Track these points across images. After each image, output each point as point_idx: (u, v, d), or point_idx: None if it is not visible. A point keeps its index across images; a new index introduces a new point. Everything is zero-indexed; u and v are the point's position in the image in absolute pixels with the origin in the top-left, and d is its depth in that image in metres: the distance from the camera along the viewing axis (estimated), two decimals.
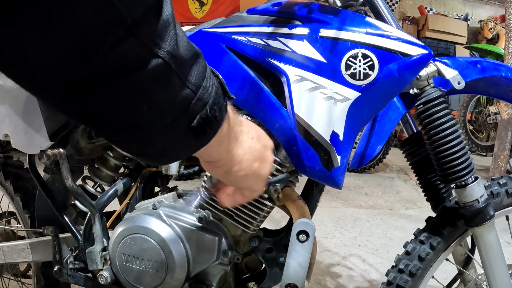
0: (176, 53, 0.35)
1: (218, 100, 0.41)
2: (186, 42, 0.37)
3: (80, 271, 0.90)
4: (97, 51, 0.30)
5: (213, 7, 5.80)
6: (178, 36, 0.36)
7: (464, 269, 0.94)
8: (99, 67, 0.31)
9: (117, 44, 0.31)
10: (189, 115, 0.38)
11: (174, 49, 0.35)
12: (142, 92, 0.34)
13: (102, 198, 0.88)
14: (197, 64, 0.39)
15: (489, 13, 7.25)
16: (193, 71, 0.38)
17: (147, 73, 0.33)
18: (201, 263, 0.81)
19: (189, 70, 0.37)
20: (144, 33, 0.32)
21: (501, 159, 3.16)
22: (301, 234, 0.72)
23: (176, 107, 0.37)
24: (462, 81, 0.73)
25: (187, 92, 0.37)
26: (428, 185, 0.89)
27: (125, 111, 0.35)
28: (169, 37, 0.35)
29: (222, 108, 0.42)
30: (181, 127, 0.38)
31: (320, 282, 1.75)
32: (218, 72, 0.69)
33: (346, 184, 3.45)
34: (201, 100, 0.38)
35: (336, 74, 0.66)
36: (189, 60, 0.37)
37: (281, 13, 0.72)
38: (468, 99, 4.27)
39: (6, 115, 0.83)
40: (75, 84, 0.32)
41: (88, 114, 0.35)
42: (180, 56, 0.36)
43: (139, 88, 0.34)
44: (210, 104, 0.39)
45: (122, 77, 0.33)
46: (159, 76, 0.34)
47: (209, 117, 0.39)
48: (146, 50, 0.33)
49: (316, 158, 0.68)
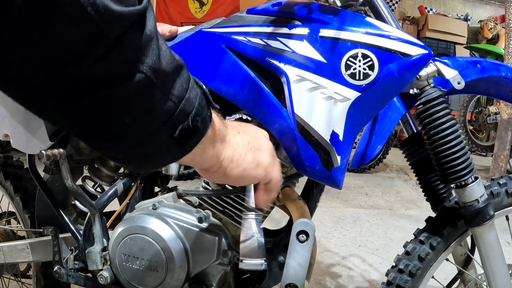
0: (158, 67, 0.37)
1: (201, 111, 0.42)
2: (168, 55, 0.39)
3: (80, 271, 0.90)
4: (81, 66, 0.32)
5: (213, 7, 5.80)
6: (160, 50, 0.37)
7: (464, 269, 0.94)
8: (83, 81, 0.33)
9: (100, 60, 0.32)
10: (171, 126, 0.40)
11: (156, 63, 0.36)
12: (125, 105, 0.36)
13: (102, 198, 0.88)
14: (180, 76, 0.40)
15: (489, 13, 7.25)
16: (175, 83, 0.40)
17: (130, 87, 0.35)
18: (201, 263, 0.81)
19: (171, 82, 0.39)
20: (127, 48, 0.34)
21: (501, 159, 3.16)
22: (301, 234, 0.72)
23: (158, 119, 0.39)
24: (462, 81, 0.73)
25: (169, 104, 0.39)
26: (428, 185, 0.89)
27: (108, 123, 0.37)
28: (151, 52, 0.36)
29: (205, 118, 0.44)
30: (164, 137, 0.40)
31: (320, 282, 1.75)
32: (218, 72, 0.69)
33: (346, 184, 3.45)
34: (184, 111, 0.40)
35: (336, 74, 0.66)
36: (172, 73, 0.39)
37: (281, 13, 0.72)
38: (468, 99, 4.27)
39: (6, 115, 0.83)
40: (60, 97, 0.33)
41: (73, 125, 0.37)
42: (162, 70, 0.37)
43: (122, 101, 0.36)
44: (192, 115, 0.41)
45: (105, 90, 0.34)
46: (142, 90, 0.36)
47: (191, 128, 0.41)
48: (129, 66, 0.34)
49: (316, 158, 0.68)
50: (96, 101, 0.34)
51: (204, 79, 0.73)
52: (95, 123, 0.36)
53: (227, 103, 0.79)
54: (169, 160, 0.44)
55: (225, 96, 0.71)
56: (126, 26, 0.33)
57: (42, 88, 0.33)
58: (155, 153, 0.42)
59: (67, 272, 0.90)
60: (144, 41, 0.35)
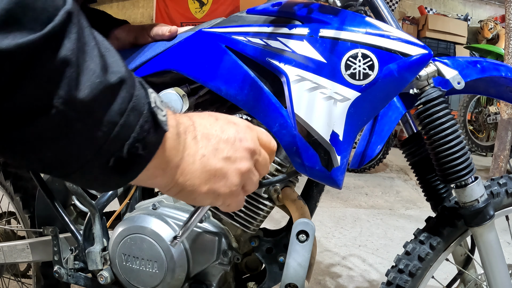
0: (75, 97, 0.32)
1: (142, 136, 0.37)
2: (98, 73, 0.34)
3: (80, 271, 0.90)
4: None
5: (213, 7, 5.80)
6: (82, 72, 0.33)
7: (464, 269, 0.94)
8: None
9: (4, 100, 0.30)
10: (102, 157, 0.35)
11: (72, 94, 0.32)
12: (43, 140, 0.33)
13: (102, 198, 0.88)
14: (117, 97, 0.35)
15: (489, 13, 7.25)
16: (105, 109, 0.35)
17: (45, 122, 0.32)
18: (201, 263, 0.81)
19: (98, 109, 0.34)
20: (30, 82, 0.30)
21: (501, 159, 3.16)
22: (301, 234, 0.72)
23: (84, 151, 0.35)
24: (462, 81, 0.73)
25: (95, 134, 0.34)
26: (428, 185, 0.89)
27: (31, 156, 0.34)
28: (66, 81, 0.31)
29: (149, 144, 0.38)
30: (96, 168, 0.36)
31: (320, 282, 1.75)
32: (218, 72, 0.68)
33: (346, 184, 3.45)
34: (117, 138, 0.35)
35: (336, 74, 0.66)
36: (98, 98, 0.34)
37: (281, 13, 0.72)
38: (468, 99, 4.27)
39: None
40: None
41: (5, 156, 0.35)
42: (80, 100, 0.32)
43: (39, 137, 0.32)
44: (130, 142, 0.36)
45: (18, 129, 0.31)
46: (56, 125, 0.32)
47: (128, 156, 0.37)
48: (37, 101, 0.31)
49: (316, 158, 0.68)
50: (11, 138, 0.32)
51: (204, 79, 0.73)
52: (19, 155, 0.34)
53: (227, 103, 0.79)
54: (114, 186, 0.40)
55: (225, 96, 0.71)
56: (23, 61, 0.29)
57: None
58: (93, 181, 0.38)
59: (67, 272, 0.90)
60: (54, 69, 0.31)
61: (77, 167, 0.35)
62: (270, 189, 0.77)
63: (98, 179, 0.38)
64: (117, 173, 0.37)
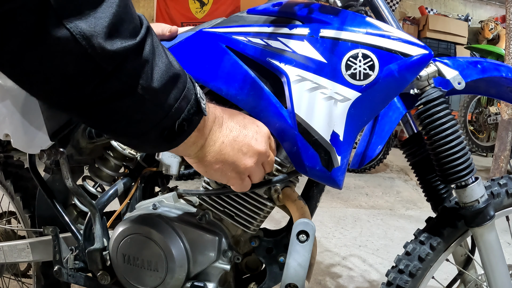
0: (150, 86, 0.46)
1: (188, 117, 0.51)
2: (164, 70, 0.47)
3: (80, 271, 0.90)
4: (86, 88, 0.42)
5: (213, 7, 5.80)
6: (154, 69, 0.46)
7: (464, 270, 0.94)
8: (90, 98, 0.43)
9: (101, 84, 0.42)
10: (160, 128, 0.50)
11: (148, 83, 0.45)
12: (124, 113, 0.46)
13: (102, 198, 0.88)
14: (174, 88, 0.49)
15: (489, 14, 7.25)
16: (167, 95, 0.48)
17: (126, 102, 0.45)
18: (201, 263, 0.81)
19: (162, 95, 0.48)
20: (123, 74, 0.43)
21: (502, 159, 3.16)
22: (301, 234, 0.72)
23: (149, 123, 0.49)
24: (463, 81, 0.73)
25: (159, 112, 0.48)
26: (428, 185, 0.89)
27: (110, 124, 0.48)
28: (144, 74, 0.45)
29: (192, 123, 0.53)
30: (153, 136, 0.50)
31: (320, 282, 1.75)
32: (218, 72, 0.70)
33: (347, 184, 3.45)
34: (172, 118, 0.50)
35: (336, 74, 0.66)
36: (163, 87, 0.47)
37: (281, 13, 0.72)
38: (468, 100, 4.27)
39: (6, 115, 0.83)
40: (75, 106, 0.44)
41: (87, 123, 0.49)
42: (153, 88, 0.46)
43: (121, 111, 0.46)
44: (179, 121, 0.50)
45: (107, 104, 0.44)
46: (135, 105, 0.46)
47: (176, 131, 0.51)
48: (126, 87, 0.44)
49: (316, 158, 0.68)
50: (100, 110, 0.45)
51: (204, 79, 0.73)
52: (102, 122, 0.47)
53: (227, 102, 0.79)
54: (161, 150, 0.55)
55: (226, 96, 0.71)
56: (122, 58, 0.41)
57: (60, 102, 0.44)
58: (147, 144, 0.52)
59: (67, 272, 0.90)
60: (140, 65, 0.44)
61: (141, 133, 0.49)
62: (271, 189, 0.77)
63: (152, 144, 0.52)
64: (166, 141, 0.52)
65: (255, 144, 0.62)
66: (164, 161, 0.81)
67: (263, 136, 0.64)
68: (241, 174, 0.63)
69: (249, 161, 0.62)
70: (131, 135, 0.50)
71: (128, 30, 0.42)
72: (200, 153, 0.59)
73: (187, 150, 0.57)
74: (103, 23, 0.39)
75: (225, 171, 0.61)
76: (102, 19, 0.39)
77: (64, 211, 0.90)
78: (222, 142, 0.59)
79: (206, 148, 0.58)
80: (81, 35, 0.38)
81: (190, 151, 0.58)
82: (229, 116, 0.62)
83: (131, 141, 0.52)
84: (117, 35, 0.40)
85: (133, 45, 0.42)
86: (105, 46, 0.39)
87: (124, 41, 0.41)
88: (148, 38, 0.45)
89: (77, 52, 0.38)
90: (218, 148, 0.59)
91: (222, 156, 0.60)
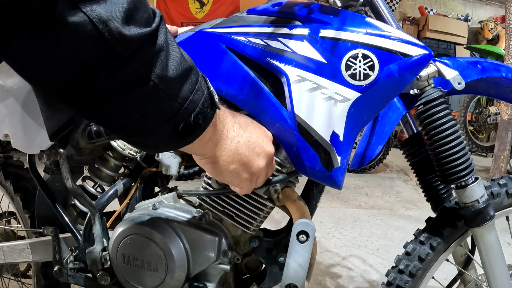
0: (165, 75, 0.44)
1: (203, 110, 0.49)
2: (178, 61, 0.45)
3: (80, 271, 0.90)
4: (98, 77, 0.40)
5: (213, 7, 5.79)
6: (169, 59, 0.44)
7: (464, 270, 0.94)
8: (100, 89, 0.41)
9: (115, 72, 0.40)
10: (175, 121, 0.47)
11: (163, 72, 0.43)
12: (136, 106, 0.44)
13: (102, 198, 0.88)
14: (188, 79, 0.47)
15: (489, 14, 7.25)
16: (181, 86, 0.46)
17: (140, 93, 0.43)
18: (201, 263, 0.81)
19: (177, 87, 0.46)
20: (138, 62, 0.41)
21: (501, 159, 3.16)
22: (301, 234, 0.72)
23: (164, 116, 0.46)
24: (463, 81, 0.73)
25: (174, 104, 0.46)
26: (428, 185, 0.89)
27: (123, 118, 0.45)
28: (159, 63, 0.43)
29: (207, 117, 0.50)
30: (168, 130, 0.48)
31: (320, 283, 1.75)
32: (218, 72, 0.71)
33: (346, 185, 3.45)
34: (187, 110, 0.47)
35: (336, 74, 0.66)
36: (178, 78, 0.45)
37: (281, 13, 0.72)
38: (468, 100, 4.27)
39: (6, 115, 0.83)
40: (86, 99, 0.42)
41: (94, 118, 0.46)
42: (168, 78, 0.44)
43: (134, 103, 0.44)
44: (195, 114, 0.48)
45: (119, 95, 0.42)
46: (150, 95, 0.44)
47: (193, 124, 0.48)
48: (140, 76, 0.42)
49: (316, 158, 0.68)
50: (112, 102, 0.43)
51: None
52: (112, 117, 0.45)
53: (227, 103, 0.79)
54: (174, 147, 0.52)
55: (225, 96, 0.71)
56: (137, 45, 0.40)
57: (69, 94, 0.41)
58: (161, 141, 0.49)
59: (67, 272, 0.90)
60: (154, 54, 0.42)
61: (156, 127, 0.47)
62: (270, 189, 0.77)
63: (167, 141, 0.49)
64: (181, 137, 0.49)
65: (266, 145, 0.62)
66: (164, 162, 0.81)
67: (270, 138, 0.65)
68: (253, 175, 0.62)
69: (262, 162, 0.62)
70: (145, 131, 0.47)
71: (143, 18, 0.41)
72: (217, 152, 0.57)
73: (204, 147, 0.55)
74: (120, 8, 0.38)
75: (240, 172, 0.60)
76: (118, 5, 0.38)
77: (64, 212, 0.90)
78: (238, 142, 0.58)
79: (222, 146, 0.57)
80: (98, 19, 0.37)
81: (207, 149, 0.55)
82: (240, 118, 0.61)
83: (145, 139, 0.49)
84: (133, 22, 0.39)
85: (148, 32, 0.41)
86: (122, 31, 0.38)
87: (140, 28, 0.40)
88: (161, 27, 0.44)
89: (94, 36, 0.37)
90: (234, 147, 0.58)
91: (238, 155, 0.59)
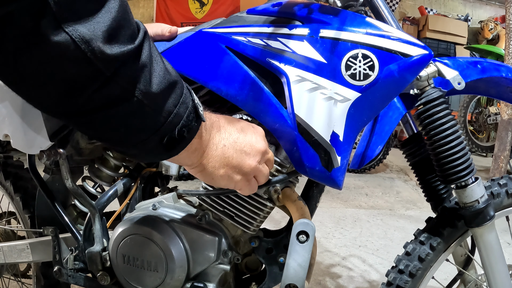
0: (149, 91, 0.45)
1: (188, 123, 0.50)
2: (162, 76, 0.47)
3: (80, 271, 0.90)
4: (83, 94, 0.41)
5: (213, 7, 5.80)
6: (153, 74, 0.45)
7: (464, 270, 0.94)
8: (86, 105, 0.42)
9: (100, 89, 0.41)
10: (159, 135, 0.48)
11: (147, 88, 0.45)
12: (121, 120, 0.45)
13: (102, 198, 0.88)
14: (172, 93, 0.48)
15: (489, 14, 7.25)
16: (165, 101, 0.48)
17: (124, 107, 0.44)
18: (201, 263, 0.81)
19: (161, 101, 0.47)
20: (122, 78, 0.42)
21: (501, 159, 3.16)
22: (301, 234, 0.72)
23: (148, 130, 0.48)
24: (463, 81, 0.73)
25: (158, 119, 0.47)
26: (428, 185, 0.89)
27: (108, 131, 0.47)
28: (143, 79, 0.44)
29: (191, 129, 0.52)
30: (153, 143, 0.49)
31: (320, 283, 1.75)
32: (218, 72, 0.70)
33: (346, 185, 3.45)
34: (171, 124, 0.48)
35: (336, 74, 0.66)
36: (162, 93, 0.47)
37: (281, 13, 0.72)
38: (468, 100, 4.27)
39: (6, 115, 0.83)
40: (70, 114, 0.44)
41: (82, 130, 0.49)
42: (152, 93, 0.46)
43: (118, 118, 0.45)
44: (179, 127, 0.49)
45: (104, 110, 0.44)
46: (134, 110, 0.45)
47: (177, 137, 0.50)
48: (124, 92, 0.43)
49: (316, 158, 0.68)
50: (96, 117, 0.44)
51: (204, 79, 0.72)
52: (97, 130, 0.47)
53: (227, 103, 0.79)
54: (159, 159, 0.53)
55: (225, 97, 0.71)
56: (121, 63, 0.41)
57: (54, 108, 0.43)
58: (147, 153, 0.51)
59: (67, 272, 0.90)
60: (137, 70, 0.43)
61: (141, 140, 0.48)
62: (270, 189, 0.77)
63: (152, 152, 0.51)
64: (166, 149, 0.51)
65: (256, 143, 0.62)
66: (164, 162, 0.81)
67: (260, 135, 0.64)
68: (247, 175, 0.62)
69: (253, 160, 0.62)
70: (130, 143, 0.49)
71: (126, 35, 0.42)
72: (204, 160, 0.58)
73: (190, 157, 0.56)
74: (102, 28, 0.39)
75: (231, 175, 0.61)
76: (101, 24, 0.39)
77: (63, 212, 0.90)
78: (224, 146, 0.59)
79: (208, 154, 0.58)
80: (81, 39, 0.38)
81: (193, 159, 0.57)
82: (225, 121, 0.62)
83: (130, 150, 0.50)
84: (115, 40, 0.40)
85: (131, 50, 0.42)
86: (104, 50, 0.39)
87: (123, 45, 0.41)
88: (145, 43, 0.45)
89: (77, 56, 0.38)
90: (220, 152, 0.58)
91: (225, 159, 0.59)
